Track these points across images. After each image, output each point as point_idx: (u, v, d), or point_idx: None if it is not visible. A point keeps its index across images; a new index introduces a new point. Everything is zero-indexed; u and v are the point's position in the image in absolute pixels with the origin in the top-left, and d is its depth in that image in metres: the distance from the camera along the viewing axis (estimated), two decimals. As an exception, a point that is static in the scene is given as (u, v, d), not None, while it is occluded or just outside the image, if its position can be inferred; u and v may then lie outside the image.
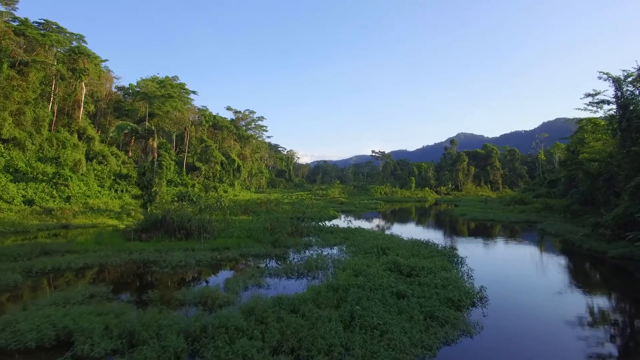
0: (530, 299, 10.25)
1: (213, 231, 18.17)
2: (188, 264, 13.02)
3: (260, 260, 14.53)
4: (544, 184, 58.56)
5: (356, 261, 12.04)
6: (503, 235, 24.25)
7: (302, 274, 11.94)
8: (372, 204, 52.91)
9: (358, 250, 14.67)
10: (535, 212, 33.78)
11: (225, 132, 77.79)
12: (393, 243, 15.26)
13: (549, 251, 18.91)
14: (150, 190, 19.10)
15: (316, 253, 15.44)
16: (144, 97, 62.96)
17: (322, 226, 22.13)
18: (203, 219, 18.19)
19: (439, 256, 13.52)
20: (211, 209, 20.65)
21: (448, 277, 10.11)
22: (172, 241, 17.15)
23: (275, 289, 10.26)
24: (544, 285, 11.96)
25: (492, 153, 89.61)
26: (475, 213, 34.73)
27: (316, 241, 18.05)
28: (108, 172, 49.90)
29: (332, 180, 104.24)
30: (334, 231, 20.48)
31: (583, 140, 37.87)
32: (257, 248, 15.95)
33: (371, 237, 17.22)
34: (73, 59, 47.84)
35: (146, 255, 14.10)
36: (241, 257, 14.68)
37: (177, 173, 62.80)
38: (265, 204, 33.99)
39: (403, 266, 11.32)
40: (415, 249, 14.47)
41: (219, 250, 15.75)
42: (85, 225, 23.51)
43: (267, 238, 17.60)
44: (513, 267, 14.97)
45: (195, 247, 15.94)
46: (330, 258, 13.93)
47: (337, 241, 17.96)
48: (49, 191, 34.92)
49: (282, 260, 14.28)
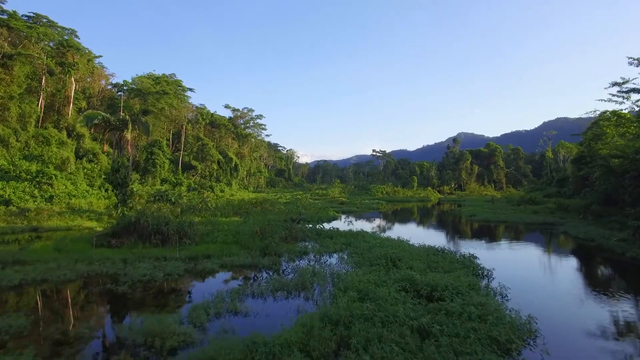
0: (595, 330, 7.70)
1: (194, 236, 15.65)
2: (153, 279, 10.49)
3: (244, 272, 12.01)
4: (552, 183, 55.94)
5: (360, 277, 9.49)
6: (523, 239, 21.58)
7: (294, 293, 9.42)
8: (374, 204, 50.35)
9: (362, 260, 12.13)
10: (549, 213, 31.20)
11: (223, 131, 75.29)
12: (403, 251, 12.70)
13: (587, 261, 16.12)
14: (124, 189, 16.62)
15: (312, 263, 12.92)
16: (139, 93, 60.57)
17: (320, 229, 19.60)
18: (183, 222, 15.68)
19: (460, 268, 10.97)
20: (195, 210, 18.14)
21: (483, 302, 7.55)
22: (146, 247, 14.67)
23: (255, 320, 7.74)
24: (606, 309, 9.25)
25: (496, 152, 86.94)
26: (485, 214, 32.13)
27: (313, 248, 15.51)
28: (99, 171, 47.41)
29: (332, 179, 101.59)
30: (334, 235, 17.94)
31: (599, 136, 35.27)
32: (242, 257, 13.43)
33: (377, 243, 14.67)
34: (62, 53, 45.35)
35: (107, 267, 11.60)
36: (222, 269, 12.15)
37: (173, 172, 60.34)
38: (261, 204, 31.47)
39: (421, 285, 8.78)
40: (430, 259, 11.93)
41: (198, 259, 13.25)
42: (58, 228, 21.00)
43: (256, 244, 15.07)
44: (554, 282, 12.13)
45: (171, 255, 13.45)
46: (328, 270, 11.41)
47: (337, 247, 15.42)
48: (29, 191, 32.42)
49: (272, 272, 11.79)
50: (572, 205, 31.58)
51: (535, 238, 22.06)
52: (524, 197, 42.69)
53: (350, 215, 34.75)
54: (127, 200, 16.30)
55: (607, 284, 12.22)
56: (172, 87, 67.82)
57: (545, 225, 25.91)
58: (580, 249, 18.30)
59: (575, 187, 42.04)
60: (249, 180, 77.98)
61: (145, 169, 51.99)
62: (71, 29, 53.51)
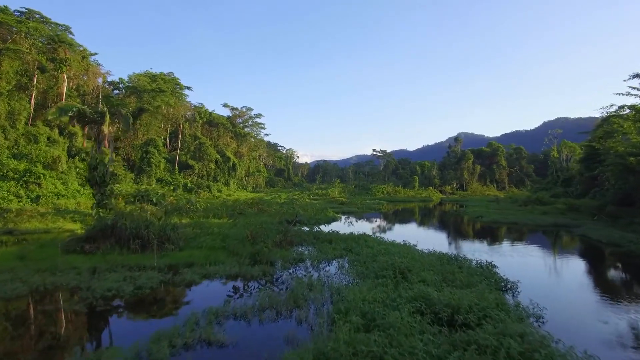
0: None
1: (178, 240, 13.99)
2: (120, 294, 8.83)
3: (229, 284, 10.35)
4: (557, 183, 54.28)
5: (365, 293, 7.83)
6: (539, 243, 19.80)
7: (285, 313, 7.77)
8: (375, 204, 48.66)
9: (366, 270, 10.44)
10: (559, 214, 29.52)
11: (221, 130, 73.65)
12: (413, 260, 11.01)
13: (625, 271, 14.15)
14: (103, 189, 14.98)
15: (309, 272, 11.26)
16: (134, 91, 58.98)
17: (318, 232, 17.91)
18: (166, 225, 14.03)
19: (481, 281, 9.30)
20: (182, 211, 16.49)
21: (523, 332, 5.87)
22: (123, 254, 13.01)
23: (232, 353, 6.09)
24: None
25: (498, 151, 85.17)
26: (493, 215, 30.42)
27: (310, 254, 13.84)
28: (91, 170, 45.86)
29: (332, 179, 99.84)
30: (334, 239, 16.25)
31: (610, 134, 33.58)
32: (229, 265, 11.77)
33: (381, 249, 12.98)
34: (53, 49, 43.68)
35: (70, 279, 9.94)
36: (203, 280, 10.48)
37: (169, 171, 58.71)
38: (257, 205, 29.81)
39: (439, 305, 7.10)
40: (445, 269, 10.24)
41: (179, 268, 11.59)
42: (36, 231, 19.32)
43: (246, 250, 13.41)
44: (597, 300, 9.87)
45: (148, 263, 11.80)
46: (326, 282, 9.76)
47: (337, 254, 13.76)
48: (15, 190, 30.78)
49: (262, 284, 10.14)
50: (583, 206, 29.93)
51: (552, 242, 20.25)
52: (530, 198, 41.00)
53: (350, 216, 33.11)
54: (106, 200, 14.68)
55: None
56: (169, 85, 66.18)
57: (559, 227, 24.15)
58: (609, 255, 16.34)
59: (584, 186, 40.37)
60: (247, 180, 76.33)
61: (140, 168, 50.33)
62: (65, 25, 51.88)
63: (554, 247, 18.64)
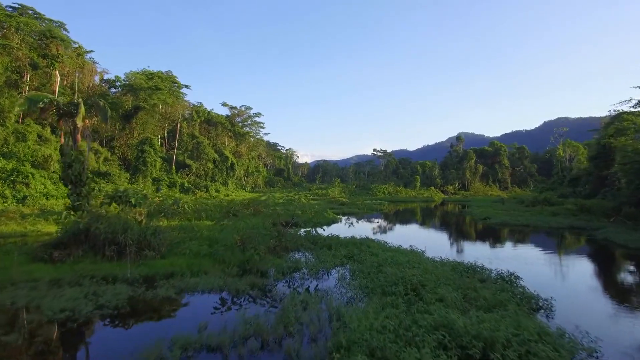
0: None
1: (160, 246, 12.42)
2: (75, 316, 7.24)
3: (210, 301, 8.77)
4: (563, 183, 52.65)
5: (372, 319, 6.26)
6: (559, 248, 18.10)
7: (272, 344, 6.20)
8: (376, 204, 47.05)
9: (371, 283, 8.86)
10: (571, 215, 27.89)
11: (220, 129, 72.10)
12: (424, 271, 9.41)
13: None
14: (80, 189, 13.44)
15: (304, 285, 9.70)
16: (131, 89, 57.46)
17: (317, 236, 16.29)
18: (146, 229, 12.46)
19: (509, 299, 7.69)
20: (167, 213, 14.92)
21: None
22: (96, 262, 11.46)
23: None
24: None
25: (500, 151, 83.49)
26: (501, 216, 28.76)
27: (307, 261, 12.27)
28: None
29: (332, 179, 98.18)
30: (333, 244, 14.67)
31: (623, 131, 32.00)
32: (214, 276, 10.19)
33: (387, 257, 11.35)
34: (45, 44, 42.14)
35: (21, 295, 8.34)
36: (179, 296, 8.90)
37: (166, 171, 57.20)
38: (253, 205, 28.23)
39: (467, 337, 5.52)
40: (464, 283, 8.66)
41: (155, 279, 10.02)
42: (12, 235, 17.71)
43: (235, 257, 11.85)
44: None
45: (122, 273, 10.25)
46: (325, 299, 8.19)
47: (337, 261, 12.18)
48: (0, 190, 29.30)
49: (248, 301, 8.57)
50: (595, 207, 28.28)
51: (573, 247, 18.38)
52: (537, 198, 39.36)
53: (351, 217, 31.53)
54: (81, 202, 13.15)
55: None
56: (167, 84, 64.68)
57: (575, 229, 22.46)
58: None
59: (593, 186, 38.76)
60: (246, 180, 74.81)
61: (136, 167, 48.81)
62: (59, 22, 50.37)
63: (576, 253, 16.85)
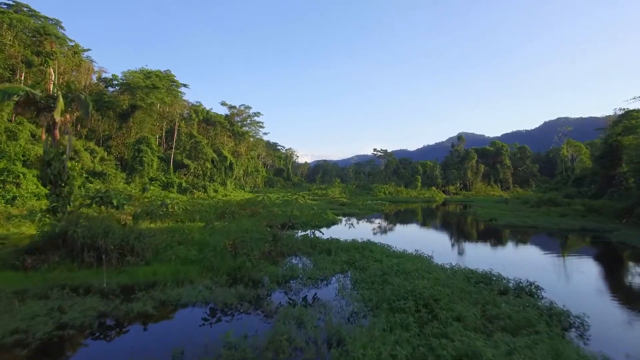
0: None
1: (144, 252, 11.34)
2: (28, 339, 6.14)
3: (193, 317, 7.68)
4: (567, 183, 51.57)
5: (379, 346, 5.18)
6: (574, 252, 16.70)
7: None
8: (377, 204, 45.97)
9: (376, 296, 7.77)
10: (580, 216, 26.80)
11: (219, 128, 71.02)
12: (435, 281, 8.30)
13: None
14: (60, 189, 12.38)
15: (299, 301, 8.62)
16: (128, 88, 56.45)
17: (316, 239, 15.20)
18: (129, 232, 11.38)
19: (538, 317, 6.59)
20: (154, 215, 13.85)
21: None
22: (74, 269, 10.40)
23: None
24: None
25: (502, 150, 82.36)
26: (507, 217, 27.64)
27: (304, 268, 11.19)
28: (80, 170, 43.26)
29: (333, 179, 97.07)
30: (333, 248, 13.57)
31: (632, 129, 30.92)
32: (199, 287, 9.10)
33: (392, 264, 10.24)
34: (39, 41, 41.07)
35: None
36: (158, 312, 7.81)
37: (163, 171, 56.15)
38: (250, 206, 27.17)
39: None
40: (481, 295, 7.57)
41: (134, 290, 8.94)
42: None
43: (225, 264, 10.78)
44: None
45: (98, 282, 9.19)
46: (322, 316, 7.12)
47: (337, 268, 11.10)
48: (-12, 191, 28.23)
49: (235, 316, 7.49)
50: (604, 207, 27.20)
51: (590, 251, 17.07)
52: (542, 198, 38.27)
53: (352, 217, 30.44)
54: (59, 203, 12.09)
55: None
56: (165, 82, 63.66)
57: (587, 231, 21.29)
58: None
59: (600, 186, 37.67)
60: (245, 180, 73.75)
61: (132, 167, 47.74)
62: (55, 20, 49.41)
63: (599, 259, 15.55)
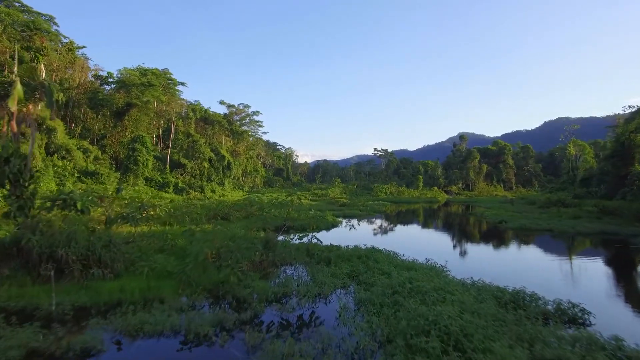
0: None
1: (115, 262, 9.69)
2: None
3: (155, 351, 6.03)
4: (574, 183, 49.87)
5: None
6: (608, 262, 14.60)
7: None
8: (378, 205, 44.32)
9: (388, 325, 6.11)
10: (595, 218, 25.12)
11: (217, 127, 69.41)
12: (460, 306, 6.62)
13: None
14: (21, 189, 10.75)
15: (295, 326, 6.96)
16: (123, 85, 54.86)
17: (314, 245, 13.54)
18: (97, 240, 9.73)
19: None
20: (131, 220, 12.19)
21: None
22: (26, 285, 8.79)
23: None
24: None
25: (505, 150, 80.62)
26: (518, 220, 25.89)
27: (299, 281, 9.53)
28: (71, 169, 41.67)
29: (333, 179, 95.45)
30: (333, 257, 11.89)
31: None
32: (172, 306, 7.46)
33: (404, 279, 8.55)
34: (29, 36, 39.44)
35: None
36: (109, 346, 6.15)
37: (160, 170, 54.55)
38: (245, 208, 25.53)
39: None
40: (523, 327, 5.90)
41: (90, 313, 7.30)
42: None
43: (207, 277, 9.13)
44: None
45: (47, 302, 7.54)
46: (319, 355, 5.46)
47: (337, 282, 9.45)
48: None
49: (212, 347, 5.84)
50: (621, 209, 25.49)
51: (623, 260, 14.61)
52: (550, 199, 36.59)
53: (352, 219, 28.78)
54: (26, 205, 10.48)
55: None
56: (161, 80, 62.09)
57: (606, 235, 19.55)
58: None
59: (611, 186, 35.98)
60: (244, 180, 72.11)
61: (127, 167, 46.09)
62: (49, 15, 47.88)
63: (629, 269, 13.72)
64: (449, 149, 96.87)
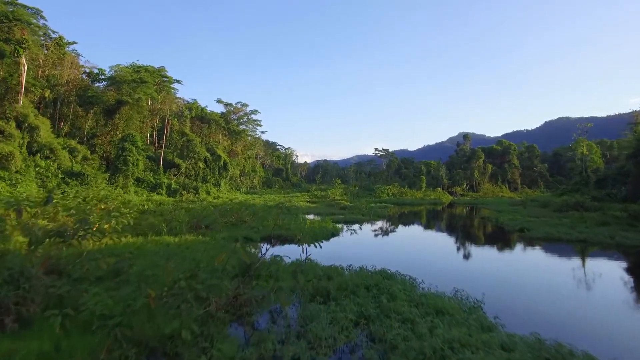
0: None
1: (31, 302, 6.76)
2: None
3: None
4: (588, 184, 46.85)
5: None
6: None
7: None
8: (382, 208, 41.39)
9: None
10: (627, 225, 22.11)
11: (214, 126, 66.50)
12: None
13: None
14: None
15: None
16: (114, 82, 52.02)
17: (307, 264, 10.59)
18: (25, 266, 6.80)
19: None
20: (67, 236, 9.22)
21: None
22: None
23: None
24: None
25: (510, 149, 77.58)
26: (540, 227, 22.77)
27: (284, 334, 6.58)
28: (55, 170, 38.83)
29: (333, 179, 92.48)
30: (333, 289, 8.91)
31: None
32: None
33: (439, 338, 5.65)
34: (7, 28, 36.57)
35: None
36: None
37: (152, 171, 51.69)
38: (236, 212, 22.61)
39: None
40: None
41: None
42: None
43: (147, 332, 6.19)
44: None
45: None
46: None
47: (341, 336, 6.46)
48: None
49: None
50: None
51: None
52: (567, 201, 33.60)
53: (354, 224, 25.83)
54: None
55: None
56: (156, 78, 59.21)
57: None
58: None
59: (634, 187, 33.02)
60: (242, 181, 69.20)
61: (116, 167, 43.21)
62: (35, 8, 45.01)
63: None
64: (450, 149, 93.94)
